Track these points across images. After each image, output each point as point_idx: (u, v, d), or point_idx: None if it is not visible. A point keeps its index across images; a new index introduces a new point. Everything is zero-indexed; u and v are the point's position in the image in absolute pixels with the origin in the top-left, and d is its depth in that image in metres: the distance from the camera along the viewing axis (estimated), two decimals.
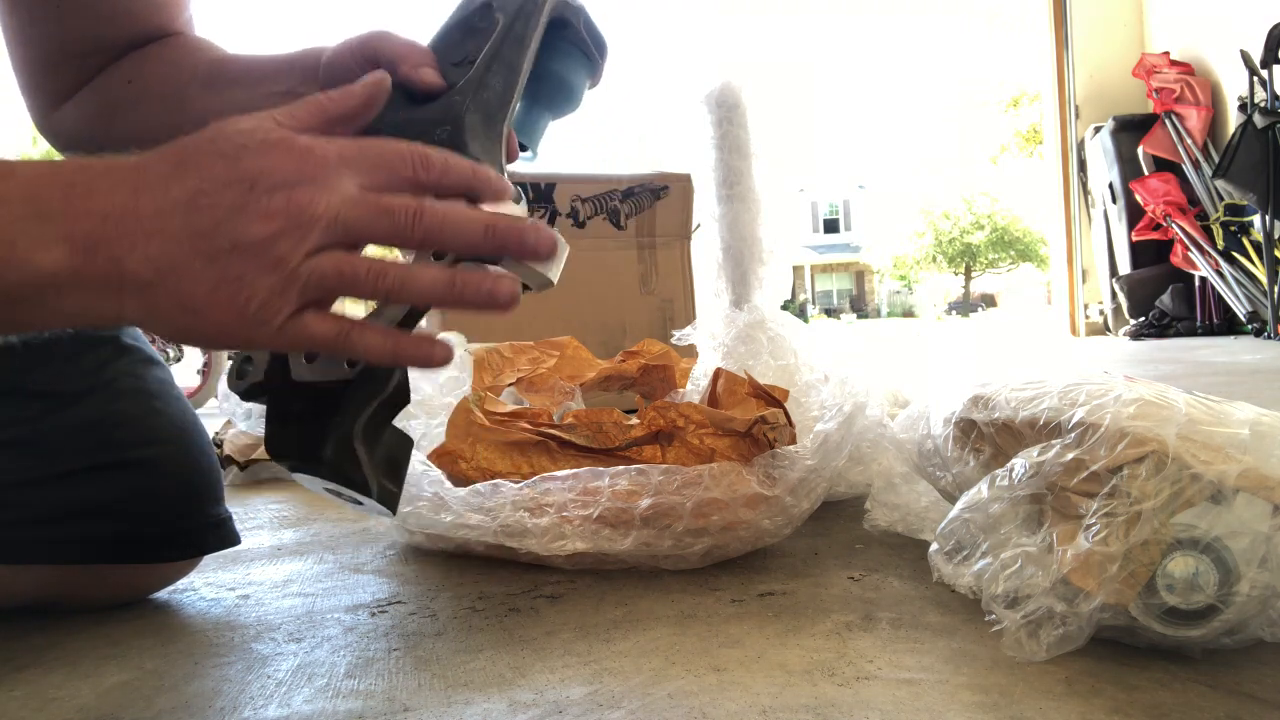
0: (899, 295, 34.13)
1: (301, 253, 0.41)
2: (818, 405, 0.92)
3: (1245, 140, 4.22)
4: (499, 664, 0.58)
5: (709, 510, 0.74)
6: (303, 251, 0.41)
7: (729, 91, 1.12)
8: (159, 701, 0.54)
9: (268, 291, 0.40)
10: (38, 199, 0.40)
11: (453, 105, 0.53)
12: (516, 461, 0.84)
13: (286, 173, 0.41)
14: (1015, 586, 0.56)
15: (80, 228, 0.39)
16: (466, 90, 0.54)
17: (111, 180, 0.41)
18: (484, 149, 0.52)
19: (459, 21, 0.58)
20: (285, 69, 0.65)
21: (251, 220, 0.40)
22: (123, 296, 0.40)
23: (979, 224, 29.24)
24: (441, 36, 0.58)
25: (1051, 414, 0.60)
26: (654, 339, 1.15)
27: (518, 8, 0.57)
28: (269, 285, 0.40)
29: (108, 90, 0.70)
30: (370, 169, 0.43)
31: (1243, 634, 0.52)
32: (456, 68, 0.55)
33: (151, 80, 0.69)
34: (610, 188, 1.97)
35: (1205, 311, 4.98)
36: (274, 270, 0.40)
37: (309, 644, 0.63)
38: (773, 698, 0.51)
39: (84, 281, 0.40)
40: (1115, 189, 5.43)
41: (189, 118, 0.67)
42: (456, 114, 0.53)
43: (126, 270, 0.40)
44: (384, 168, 0.43)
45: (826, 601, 0.68)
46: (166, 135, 0.68)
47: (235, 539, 0.75)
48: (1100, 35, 5.81)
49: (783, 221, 31.34)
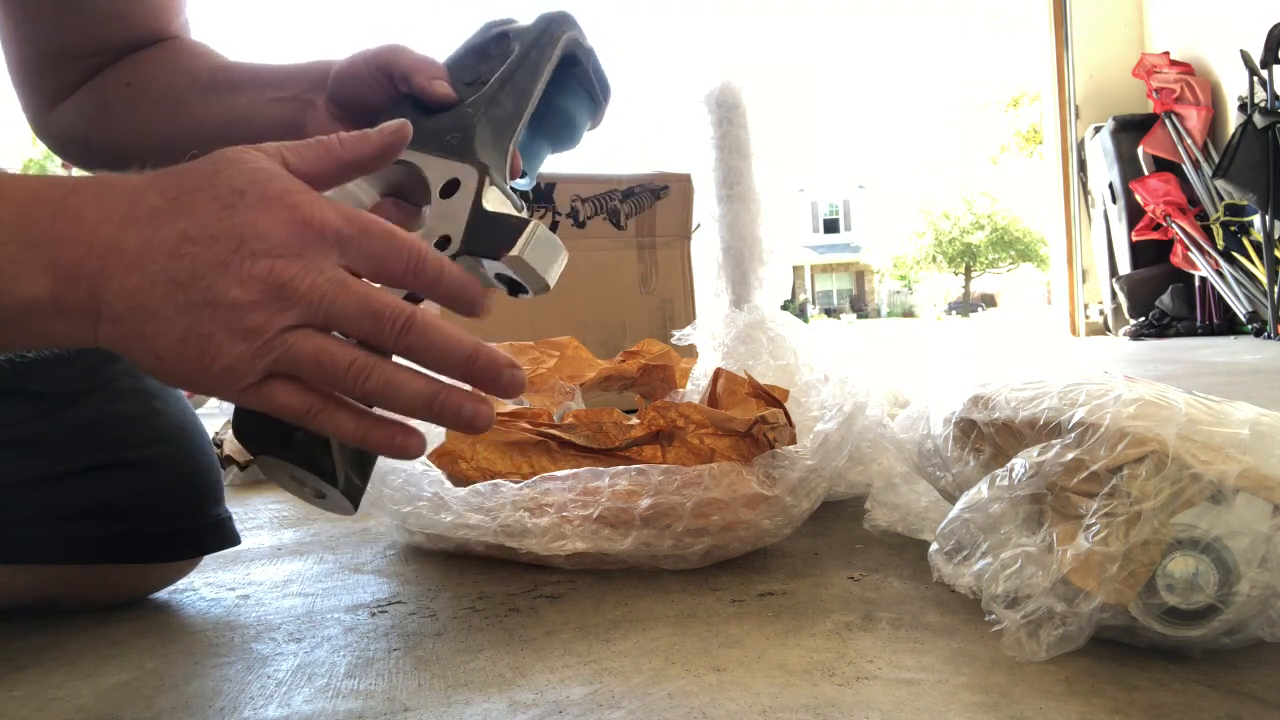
0: (899, 295, 34.14)
1: (277, 327, 0.39)
2: (818, 405, 0.92)
3: (1245, 140, 4.22)
4: (499, 664, 0.58)
5: (709, 510, 0.74)
6: (278, 326, 0.39)
7: (729, 91, 1.12)
8: (159, 701, 0.54)
9: (234, 357, 0.39)
10: (27, 223, 0.39)
11: (464, 115, 0.55)
12: (516, 461, 0.84)
13: (277, 239, 0.39)
14: (1015, 586, 0.56)
15: (65, 257, 0.39)
16: (479, 104, 0.55)
17: (102, 209, 0.40)
18: (490, 159, 0.53)
19: (474, 46, 0.61)
20: (292, 76, 0.65)
21: (231, 282, 0.39)
22: (98, 325, 0.40)
23: (979, 224, 29.25)
24: (455, 58, 0.60)
25: (1051, 414, 0.60)
26: (654, 339, 1.15)
27: (534, 39, 0.59)
28: (237, 351, 0.39)
29: (105, 91, 0.70)
30: (365, 257, 0.42)
31: (1243, 634, 0.52)
32: (468, 86, 0.57)
33: (150, 83, 0.69)
34: (610, 188, 1.97)
35: (1205, 311, 4.98)
36: (245, 338, 0.39)
37: (309, 644, 0.63)
38: (773, 698, 0.51)
39: (63, 309, 0.39)
40: (1115, 189, 5.43)
41: (186, 122, 0.68)
42: (468, 123, 0.54)
43: (103, 302, 0.39)
44: (378, 260, 0.42)
45: (826, 601, 0.68)
46: (163, 138, 0.68)
47: (235, 539, 0.75)
48: (1100, 35, 5.81)
49: (783, 221, 31.31)
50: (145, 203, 0.40)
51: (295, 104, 0.64)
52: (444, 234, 0.49)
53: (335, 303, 0.40)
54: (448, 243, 0.49)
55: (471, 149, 0.52)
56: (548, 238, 0.49)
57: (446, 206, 0.51)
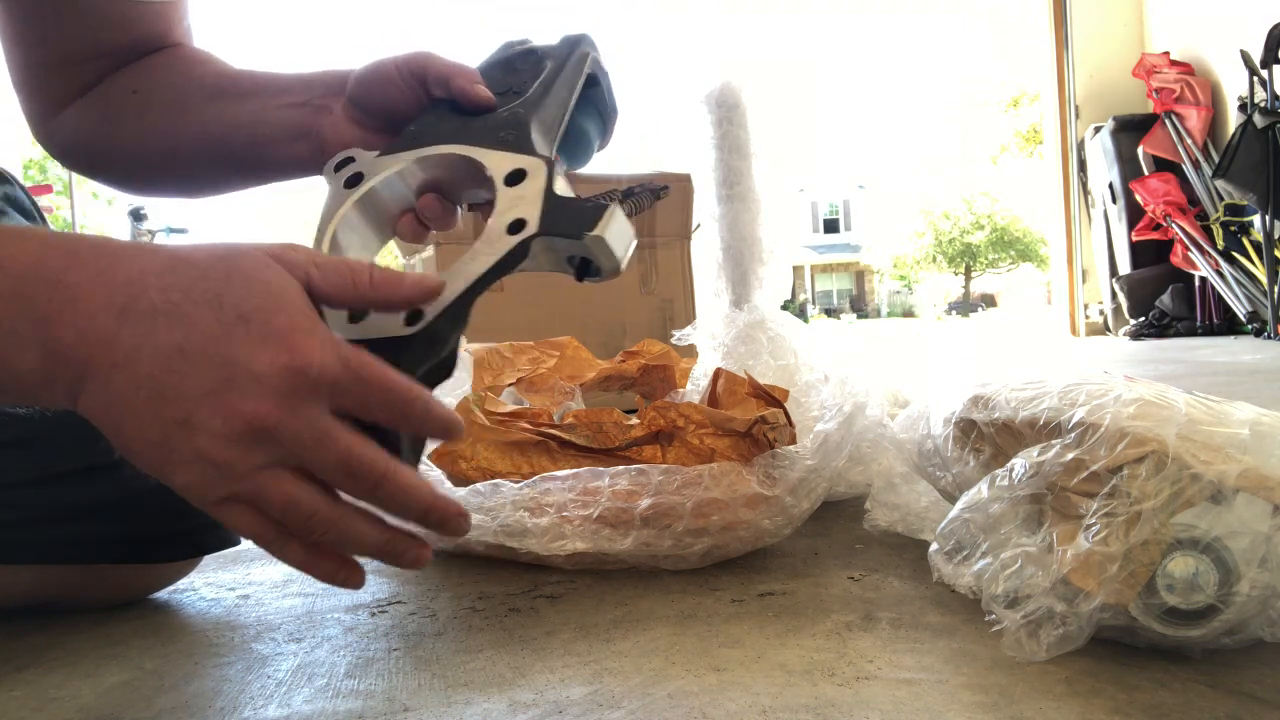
0: (899, 295, 34.13)
1: (251, 465, 0.40)
2: (818, 405, 0.92)
3: (1245, 140, 4.22)
4: (499, 664, 0.58)
5: (709, 510, 0.74)
6: (250, 465, 0.40)
7: (729, 91, 1.12)
8: (159, 701, 0.54)
9: (197, 477, 0.40)
10: (24, 298, 0.39)
11: (516, 115, 0.57)
12: (516, 461, 0.84)
13: (269, 383, 0.39)
14: (1015, 586, 0.56)
15: (56, 335, 0.39)
16: (528, 106, 0.58)
17: (100, 295, 0.39)
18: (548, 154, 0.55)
19: (501, 60, 0.63)
20: (303, 83, 0.65)
21: (213, 412, 0.39)
22: (75, 405, 0.40)
23: (979, 224, 29.25)
24: (483, 70, 0.62)
25: (1051, 414, 0.60)
26: (654, 339, 1.15)
27: (567, 55, 0.62)
28: (203, 475, 0.40)
29: (111, 98, 0.69)
30: (356, 404, 0.41)
31: (1243, 634, 0.52)
32: (500, 96, 0.59)
33: (155, 89, 0.69)
34: (610, 187, 1.97)
35: (1205, 311, 4.98)
36: (214, 468, 0.39)
37: (309, 644, 0.63)
38: (773, 698, 0.51)
39: (51, 384, 0.40)
40: (1115, 189, 5.43)
41: (191, 127, 0.67)
42: (522, 122, 0.56)
43: (86, 389, 0.39)
44: (369, 408, 0.42)
45: (826, 601, 0.68)
46: (167, 144, 0.68)
47: (235, 539, 0.75)
48: (1100, 35, 5.81)
49: (783, 221, 31.33)
50: (145, 299, 0.40)
51: (307, 109, 0.64)
52: (518, 217, 0.50)
53: (314, 454, 0.40)
54: (521, 226, 0.49)
55: (530, 145, 0.54)
56: (624, 221, 0.50)
57: (515, 193, 0.51)
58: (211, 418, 0.39)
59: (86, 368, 0.39)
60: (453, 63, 0.60)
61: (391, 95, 0.61)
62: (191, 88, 0.68)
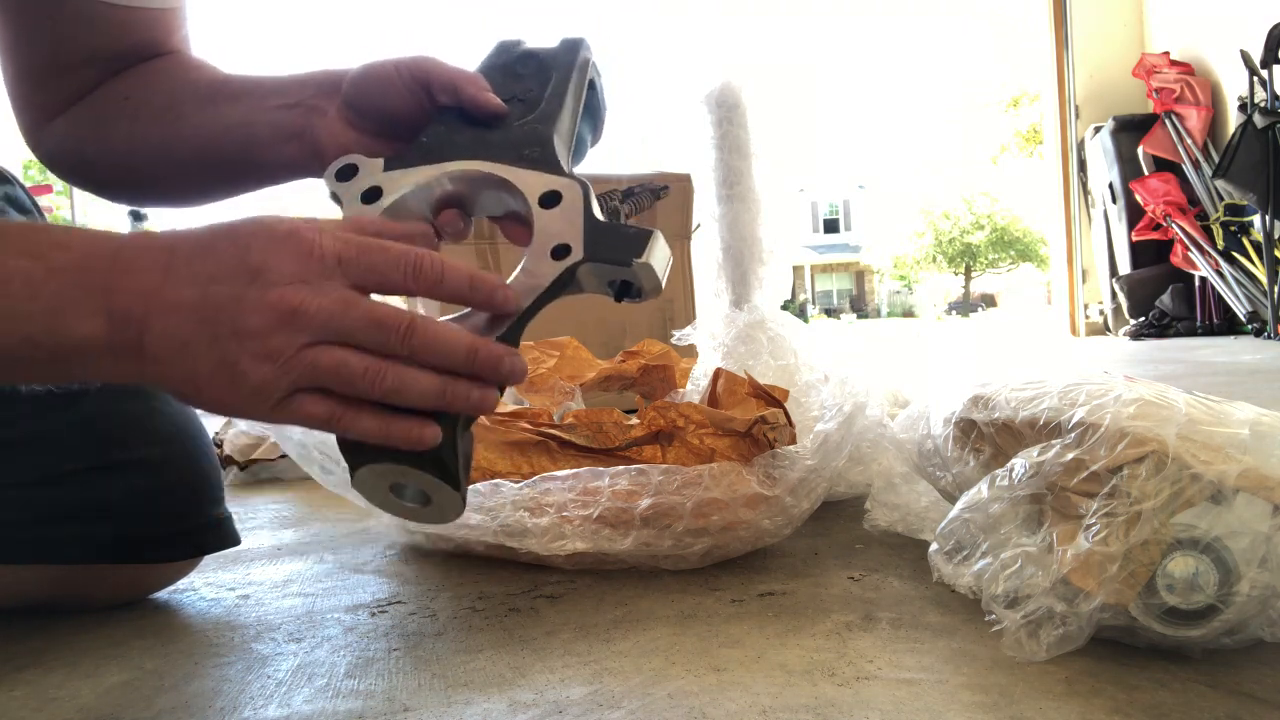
0: (899, 295, 34.12)
1: (295, 346, 0.43)
2: (818, 405, 0.92)
3: (1245, 140, 4.22)
4: (499, 664, 0.58)
5: (709, 510, 0.74)
6: (297, 345, 0.43)
7: (729, 91, 1.12)
8: (159, 701, 0.54)
9: (260, 378, 0.43)
10: (87, 270, 0.44)
11: (536, 131, 0.56)
12: (516, 461, 0.84)
13: (286, 271, 0.44)
14: (1015, 586, 0.56)
15: (118, 303, 0.44)
16: (546, 119, 0.57)
17: (147, 259, 0.45)
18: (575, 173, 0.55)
19: (499, 65, 0.62)
20: (296, 84, 0.64)
21: (251, 312, 0.43)
22: (143, 365, 0.44)
23: (979, 224, 29.24)
24: (483, 73, 0.60)
25: (1051, 414, 0.60)
26: (654, 339, 1.15)
27: (571, 63, 0.61)
28: (262, 373, 0.43)
29: (102, 105, 0.68)
30: (366, 272, 0.45)
31: (1243, 634, 0.52)
32: (506, 103, 0.58)
33: (149, 96, 0.67)
34: (610, 188, 1.97)
35: (1205, 311, 4.98)
36: (268, 360, 0.43)
37: (309, 644, 0.63)
38: (773, 698, 0.51)
39: (114, 349, 0.44)
40: (1115, 189, 5.43)
41: (183, 130, 0.67)
42: (544, 138, 0.56)
43: (146, 343, 0.44)
44: (378, 272, 0.45)
45: (826, 601, 0.68)
46: (159, 148, 0.67)
47: (235, 539, 0.75)
48: (1100, 35, 5.81)
49: (783, 221, 31.30)
50: (180, 251, 0.45)
51: (299, 110, 0.63)
52: (562, 243, 0.50)
53: (344, 319, 0.44)
54: (567, 251, 0.49)
55: (558, 164, 0.54)
56: (664, 244, 0.51)
57: (551, 217, 0.51)
58: (249, 317, 0.43)
59: (145, 323, 0.43)
60: (457, 68, 0.58)
61: (390, 99, 0.59)
62: (184, 93, 0.67)
